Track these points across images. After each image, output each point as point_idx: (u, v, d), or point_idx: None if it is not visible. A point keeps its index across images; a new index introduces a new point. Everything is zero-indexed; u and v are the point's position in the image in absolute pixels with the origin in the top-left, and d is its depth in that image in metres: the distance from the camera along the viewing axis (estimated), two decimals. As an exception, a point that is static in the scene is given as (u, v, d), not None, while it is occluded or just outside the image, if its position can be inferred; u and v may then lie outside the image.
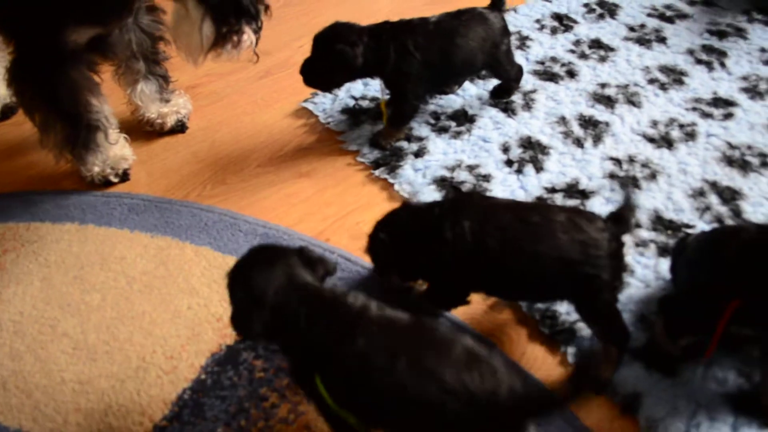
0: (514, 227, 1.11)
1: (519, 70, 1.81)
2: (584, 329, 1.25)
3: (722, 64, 1.98)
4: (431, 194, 1.54)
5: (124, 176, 1.67)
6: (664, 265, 1.36)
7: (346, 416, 0.97)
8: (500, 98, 1.83)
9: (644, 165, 1.61)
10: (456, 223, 1.13)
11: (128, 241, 1.50)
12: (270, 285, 0.97)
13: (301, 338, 0.97)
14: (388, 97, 1.73)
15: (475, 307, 1.31)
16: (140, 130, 1.81)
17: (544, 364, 1.24)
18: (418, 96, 1.68)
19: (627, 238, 1.41)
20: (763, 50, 2.04)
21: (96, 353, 1.27)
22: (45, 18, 1.38)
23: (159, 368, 1.24)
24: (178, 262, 1.44)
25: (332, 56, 1.57)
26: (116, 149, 1.65)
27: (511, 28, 2.11)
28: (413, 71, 1.60)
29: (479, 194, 1.20)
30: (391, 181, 1.60)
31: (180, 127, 1.81)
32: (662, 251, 1.39)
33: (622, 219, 1.12)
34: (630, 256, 1.39)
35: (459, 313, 1.29)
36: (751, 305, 1.02)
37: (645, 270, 1.36)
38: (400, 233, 1.20)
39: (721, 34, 2.12)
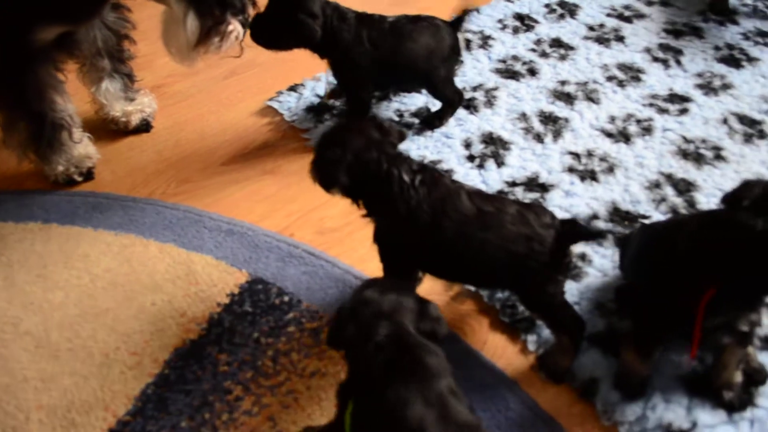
0: (469, 212, 1.13)
1: (458, 95, 1.77)
2: (544, 318, 1.28)
3: (678, 62, 2.04)
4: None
5: (89, 175, 1.66)
6: (621, 254, 1.39)
7: None
8: (429, 125, 1.77)
9: (602, 159, 1.65)
10: (425, 198, 1.14)
11: (92, 240, 1.50)
12: (377, 327, 0.94)
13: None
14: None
15: (436, 298, 1.33)
16: (104, 128, 1.80)
17: (504, 353, 1.26)
18: (367, 90, 1.69)
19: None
20: (717, 48, 2.10)
21: (59, 351, 1.26)
22: (15, 16, 1.37)
23: (122, 364, 1.24)
24: (142, 259, 1.44)
25: (291, 23, 1.56)
26: (80, 148, 1.64)
27: (474, 28, 2.16)
28: (363, 63, 1.62)
29: (449, 177, 1.21)
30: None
31: (145, 126, 1.81)
32: (620, 242, 1.43)
33: (575, 229, 1.13)
34: (588, 246, 1.42)
35: (421, 304, 1.31)
36: (724, 293, 1.02)
37: (603, 260, 1.40)
38: (363, 171, 1.15)
39: (678, 33, 2.18)
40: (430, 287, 1.35)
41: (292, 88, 1.93)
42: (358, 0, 2.39)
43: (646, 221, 1.48)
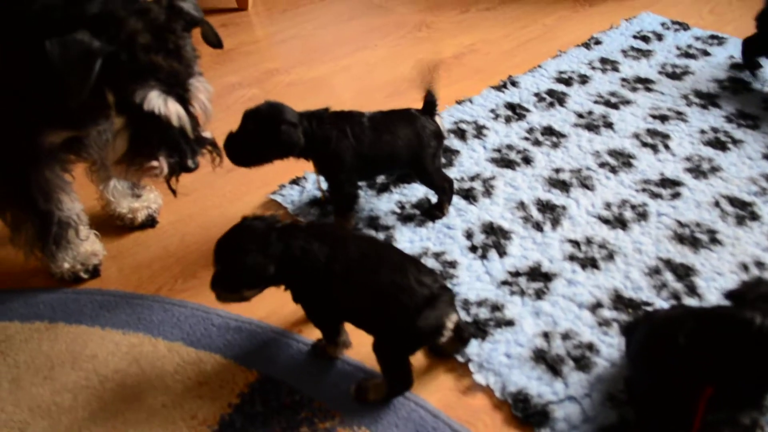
0: (355, 260, 1.27)
1: (448, 182, 1.79)
2: (557, 410, 1.29)
3: (666, 146, 2.11)
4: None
5: (95, 272, 1.68)
6: (627, 343, 1.41)
7: None
8: (430, 216, 1.81)
9: (601, 246, 1.69)
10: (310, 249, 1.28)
11: (100, 339, 1.50)
12: None
13: None
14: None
15: (447, 393, 1.34)
16: (110, 225, 1.83)
17: (518, 448, 1.26)
18: (353, 183, 1.72)
19: (589, 318, 1.47)
20: (702, 132, 2.18)
21: (68, 457, 1.25)
22: (23, 120, 1.41)
23: (134, 470, 1.22)
24: (150, 359, 1.44)
25: (274, 135, 1.59)
26: (87, 245, 1.66)
27: (467, 118, 2.23)
28: (347, 158, 1.66)
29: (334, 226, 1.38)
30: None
31: (150, 222, 1.84)
32: (625, 329, 1.45)
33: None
34: (594, 335, 1.44)
35: (433, 400, 1.32)
36: (723, 390, 1.04)
37: (609, 349, 1.41)
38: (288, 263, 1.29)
39: (663, 118, 2.26)
40: (440, 382, 1.36)
41: (295, 182, 1.98)
42: (355, 94, 2.50)
43: (650, 308, 1.50)
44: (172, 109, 1.31)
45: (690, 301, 1.53)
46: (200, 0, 2.72)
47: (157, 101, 1.28)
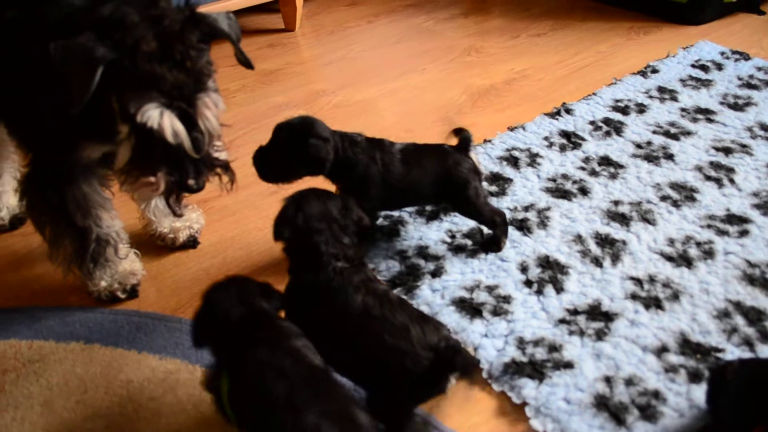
0: (354, 311, 1.22)
1: (499, 216, 1.68)
2: (618, 464, 1.19)
3: (731, 181, 1.99)
4: (450, 316, 1.50)
5: (132, 292, 1.63)
6: (698, 392, 1.30)
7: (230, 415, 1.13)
8: (488, 250, 1.72)
9: (665, 285, 1.58)
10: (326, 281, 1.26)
11: (136, 363, 1.44)
12: None
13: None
14: None
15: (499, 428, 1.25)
16: (151, 244, 1.79)
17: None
18: (372, 213, 1.65)
19: (654, 363, 1.37)
20: (769, 166, 2.06)
21: (98, 489, 1.19)
22: (60, 134, 1.37)
23: (165, 507, 1.16)
24: (187, 388, 1.37)
25: (303, 149, 1.52)
26: (125, 263, 1.62)
27: (520, 146, 2.16)
28: (374, 185, 1.60)
29: (367, 271, 1.31)
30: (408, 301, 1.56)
31: (192, 243, 1.79)
32: (693, 377, 1.34)
33: (452, 359, 1.17)
34: (660, 382, 1.33)
35: (486, 445, 1.23)
36: None
37: (677, 398, 1.30)
38: (302, 236, 1.30)
39: (727, 151, 2.14)
40: (493, 426, 1.28)
41: (340, 205, 1.91)
42: (402, 117, 2.44)
43: (720, 355, 1.39)
44: (167, 124, 1.19)
45: (765, 349, 1.42)
46: (248, 20, 2.75)
47: (151, 114, 1.18)
